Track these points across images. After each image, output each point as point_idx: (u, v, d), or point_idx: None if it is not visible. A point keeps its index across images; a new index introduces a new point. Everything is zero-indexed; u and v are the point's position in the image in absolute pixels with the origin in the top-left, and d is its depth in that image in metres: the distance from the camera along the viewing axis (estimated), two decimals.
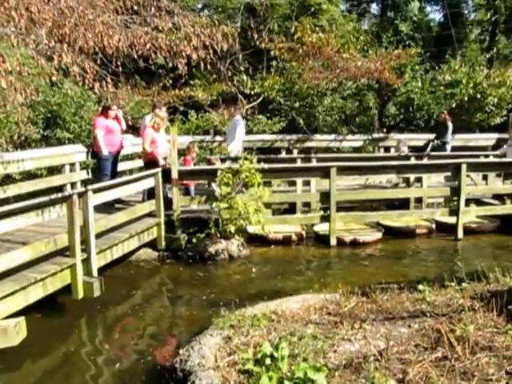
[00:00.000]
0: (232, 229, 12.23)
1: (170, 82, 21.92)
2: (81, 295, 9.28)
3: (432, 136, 21.64)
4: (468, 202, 14.43)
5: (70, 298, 9.30)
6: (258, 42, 16.74)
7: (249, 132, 21.18)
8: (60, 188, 12.93)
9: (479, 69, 23.65)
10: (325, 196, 13.62)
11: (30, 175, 15.10)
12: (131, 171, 15.64)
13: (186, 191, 14.58)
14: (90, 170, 14.34)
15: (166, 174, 12.77)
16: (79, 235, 9.22)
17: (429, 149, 20.89)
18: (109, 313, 9.49)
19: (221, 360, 6.22)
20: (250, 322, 7.22)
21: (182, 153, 15.24)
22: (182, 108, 22.55)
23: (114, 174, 13.79)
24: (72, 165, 13.69)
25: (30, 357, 7.69)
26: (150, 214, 12.43)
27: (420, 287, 8.35)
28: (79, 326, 9.01)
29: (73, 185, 13.40)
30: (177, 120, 22.35)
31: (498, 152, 18.95)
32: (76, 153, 13.86)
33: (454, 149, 20.71)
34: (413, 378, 5.49)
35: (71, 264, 9.13)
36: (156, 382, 6.77)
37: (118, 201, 13.09)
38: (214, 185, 13.47)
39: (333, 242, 13.40)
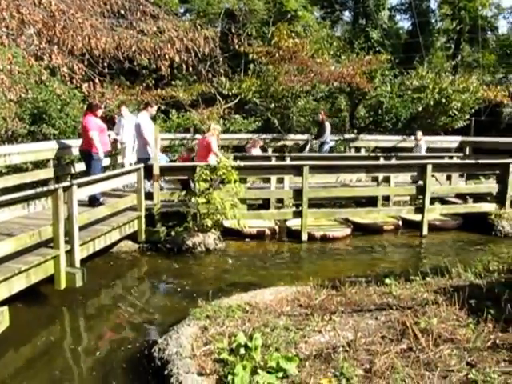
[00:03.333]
0: (209, 223, 12.27)
1: (153, 82, 21.93)
2: (63, 285, 9.17)
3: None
4: (433, 200, 14.47)
5: (53, 288, 9.19)
6: (237, 46, 16.67)
7: (226, 131, 21.17)
8: (46, 182, 12.79)
9: (445, 75, 23.69)
10: (297, 193, 13.59)
11: (16, 169, 14.95)
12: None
13: (184, 186, 14.45)
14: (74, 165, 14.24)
15: (149, 170, 12.73)
16: (63, 227, 9.12)
17: (307, 149, 21.01)
18: (90, 303, 9.39)
19: (197, 349, 6.21)
20: (225, 313, 7.21)
21: (163, 149, 15.16)
22: (163, 107, 22.45)
23: None
24: (58, 159, 13.57)
25: (11, 346, 7.60)
26: (132, 208, 12.36)
27: (387, 281, 8.37)
28: (61, 316, 8.89)
29: (58, 179, 13.25)
30: (158, 118, 22.26)
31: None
32: (62, 148, 13.74)
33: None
34: (379, 368, 5.49)
35: (55, 255, 9.01)
36: (135, 370, 6.71)
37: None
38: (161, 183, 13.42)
39: (304, 237, 13.36)
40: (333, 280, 8.57)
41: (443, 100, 22.63)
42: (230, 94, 22.49)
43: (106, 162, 14.99)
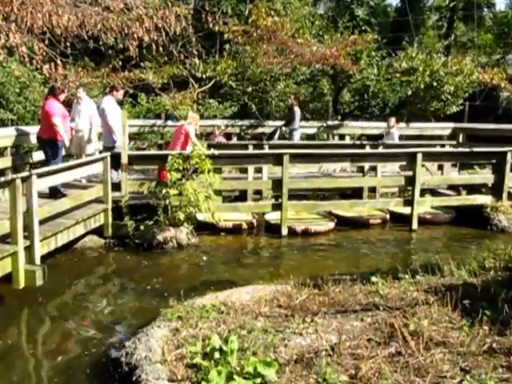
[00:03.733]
0: (181, 216, 12.24)
1: (120, 63, 21.69)
2: (22, 284, 9.10)
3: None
4: (423, 192, 14.53)
5: (11, 287, 9.11)
6: (211, 25, 16.63)
7: (200, 117, 21.06)
8: (2, 172, 12.67)
9: (436, 56, 23.79)
10: (277, 184, 13.59)
11: None
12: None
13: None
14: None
15: (116, 158, 12.69)
16: (22, 221, 9.04)
17: (276, 136, 21.08)
18: (51, 303, 9.31)
19: (168, 353, 6.16)
20: (198, 314, 7.18)
21: (131, 137, 15.09)
22: (131, 91, 22.28)
23: None
24: (17, 147, 13.48)
25: None
26: (98, 200, 12.29)
27: (373, 279, 8.38)
28: (19, 318, 8.79)
29: (16, 169, 13.14)
30: (126, 103, 22.12)
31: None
32: (21, 135, 13.64)
33: (408, 138, 20.87)
34: (365, 373, 5.48)
35: (12, 251, 8.93)
36: (100, 376, 6.67)
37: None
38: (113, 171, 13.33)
39: (284, 231, 13.40)
40: (315, 278, 8.54)
41: (435, 83, 22.71)
42: (204, 76, 22.37)
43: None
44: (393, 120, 19.62)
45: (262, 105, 23.74)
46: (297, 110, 20.91)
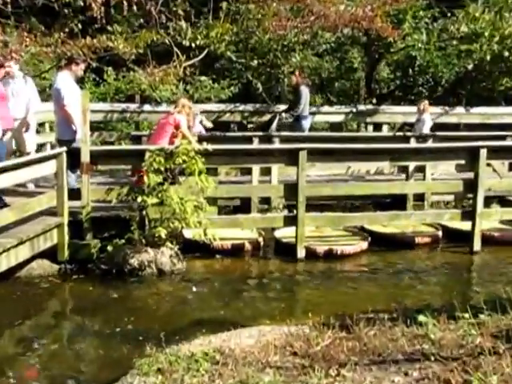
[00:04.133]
0: (163, 233, 12.18)
1: (80, 27, 21.68)
2: None
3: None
4: (488, 201, 14.50)
5: None
6: None
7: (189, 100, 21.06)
8: None
9: (509, 16, 23.56)
10: (291, 189, 13.63)
11: None
12: None
13: None
14: None
15: (74, 155, 12.68)
16: None
17: (274, 126, 20.56)
18: None
19: None
20: (185, 365, 7.15)
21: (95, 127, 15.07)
22: (95, 64, 22.24)
23: None
24: None
25: None
26: (49, 212, 12.28)
27: (421, 319, 8.35)
28: None
29: None
30: (88, 81, 22.10)
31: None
32: None
33: (469, 127, 20.80)
34: None
35: None
36: None
37: None
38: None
39: (300, 253, 13.39)
40: (342, 317, 8.62)
41: (506, 53, 22.53)
42: (194, 46, 22.31)
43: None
44: (425, 103, 19.54)
45: (270, 84, 23.70)
46: (304, 90, 20.19)
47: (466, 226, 14.14)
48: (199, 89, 22.55)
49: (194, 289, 11.71)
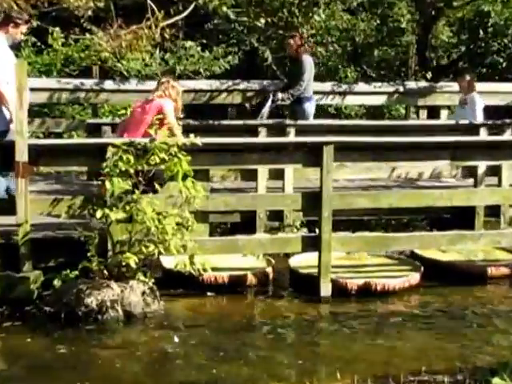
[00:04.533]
0: (132, 261, 11.82)
1: None
2: None
3: None
4: None
5: None
6: None
7: (169, 73, 20.83)
8: None
9: None
10: (311, 200, 13.44)
11: None
12: None
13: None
14: None
15: (6, 152, 12.38)
16: None
17: (265, 110, 19.68)
18: None
19: None
20: None
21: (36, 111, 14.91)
22: (36, 23, 22.00)
23: None
24: None
25: None
26: None
27: (495, 382, 8.07)
28: None
29: None
30: (26, 46, 21.94)
31: None
32: None
33: None
34: None
35: None
36: None
37: None
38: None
39: (325, 289, 13.15)
40: (384, 378, 8.56)
41: None
42: None
43: None
44: (467, 77, 19.58)
45: (283, 53, 23.47)
46: (307, 60, 19.78)
47: None
48: (183, 59, 22.41)
49: (176, 339, 11.35)
